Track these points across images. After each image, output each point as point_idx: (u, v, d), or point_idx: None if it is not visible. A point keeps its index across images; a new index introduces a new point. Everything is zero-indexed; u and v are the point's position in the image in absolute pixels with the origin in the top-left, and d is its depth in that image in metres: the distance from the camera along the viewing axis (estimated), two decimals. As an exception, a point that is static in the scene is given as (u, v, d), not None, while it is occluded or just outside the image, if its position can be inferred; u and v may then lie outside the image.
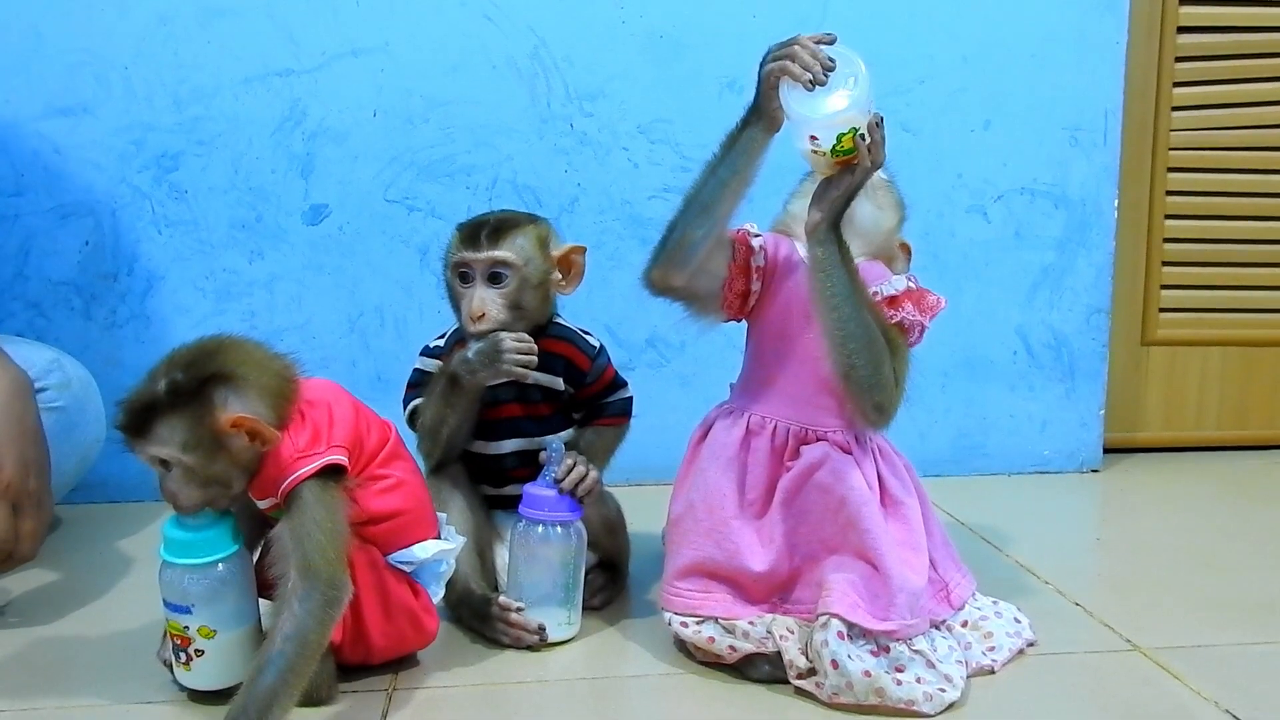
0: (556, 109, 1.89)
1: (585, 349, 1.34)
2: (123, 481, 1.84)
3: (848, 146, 1.07)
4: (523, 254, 1.27)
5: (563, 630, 1.25)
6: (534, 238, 1.29)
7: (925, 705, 1.07)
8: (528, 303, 1.28)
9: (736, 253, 1.19)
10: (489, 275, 1.27)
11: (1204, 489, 1.97)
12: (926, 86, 1.95)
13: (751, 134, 1.11)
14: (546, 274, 1.30)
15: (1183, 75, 2.07)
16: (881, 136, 1.08)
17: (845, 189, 1.09)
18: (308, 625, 1.00)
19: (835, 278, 1.10)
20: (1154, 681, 1.16)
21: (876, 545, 1.12)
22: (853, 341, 1.10)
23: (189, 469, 1.04)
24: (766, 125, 1.11)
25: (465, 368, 1.25)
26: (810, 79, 1.05)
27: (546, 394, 1.33)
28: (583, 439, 1.34)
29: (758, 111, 1.10)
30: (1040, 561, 1.53)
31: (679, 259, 1.15)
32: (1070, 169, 2.00)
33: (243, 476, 1.07)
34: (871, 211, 1.22)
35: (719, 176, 1.12)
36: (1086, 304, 2.04)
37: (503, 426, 1.33)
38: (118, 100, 1.82)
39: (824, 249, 1.11)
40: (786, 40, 1.07)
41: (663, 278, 1.17)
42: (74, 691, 1.14)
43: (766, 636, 1.14)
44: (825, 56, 1.05)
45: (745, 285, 1.20)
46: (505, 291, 1.26)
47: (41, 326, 1.85)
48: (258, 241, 1.87)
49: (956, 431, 2.04)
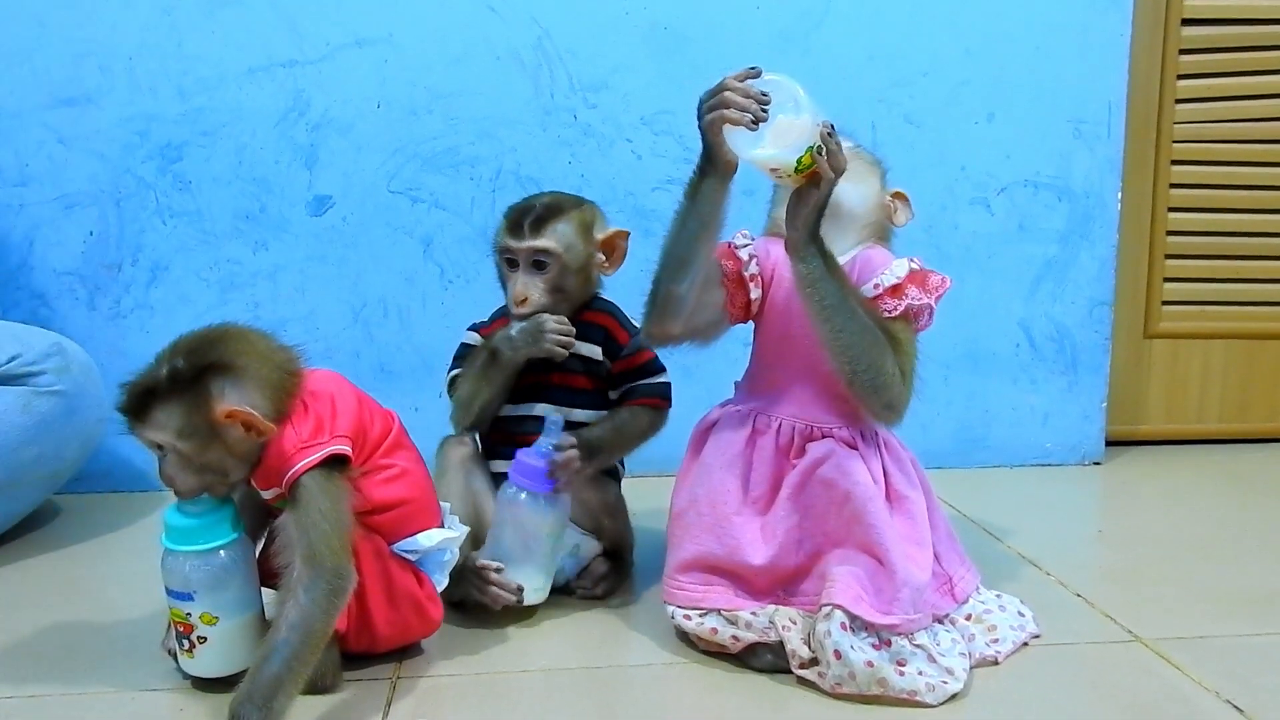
0: (560, 100, 1.89)
1: (626, 324, 1.36)
2: (126, 471, 1.85)
3: (809, 163, 1.07)
4: (564, 241, 1.31)
5: (536, 595, 1.27)
6: (577, 224, 1.33)
7: (928, 696, 1.07)
8: (569, 286, 1.33)
9: (727, 270, 1.21)
10: (531, 262, 1.31)
11: (1206, 482, 1.97)
12: (930, 79, 1.95)
13: (710, 184, 1.11)
14: (589, 258, 1.34)
15: (1186, 67, 2.07)
16: (836, 144, 1.07)
17: (814, 203, 1.09)
18: (313, 614, 1.00)
19: (823, 289, 1.10)
20: (1155, 672, 1.16)
21: (881, 540, 1.12)
22: (851, 348, 1.11)
23: (183, 455, 1.05)
24: (722, 172, 1.11)
25: (508, 344, 1.31)
26: (751, 119, 1.04)
27: (586, 364, 1.35)
28: (616, 417, 1.35)
29: (711, 162, 1.10)
30: (1042, 553, 1.53)
31: (670, 312, 1.17)
32: (1073, 162, 2.00)
33: (240, 466, 1.08)
34: (852, 188, 1.20)
35: (689, 230, 1.13)
36: (1089, 297, 2.04)
37: (534, 389, 1.35)
38: (122, 91, 1.82)
39: (806, 264, 1.11)
40: (714, 87, 1.07)
41: (661, 331, 1.19)
42: (79, 679, 1.14)
43: (769, 627, 1.14)
44: (758, 92, 1.04)
45: (745, 296, 1.22)
46: (547, 277, 1.31)
47: (46, 316, 1.85)
48: (261, 232, 1.87)
49: (959, 424, 2.04)
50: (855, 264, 1.20)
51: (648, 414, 1.36)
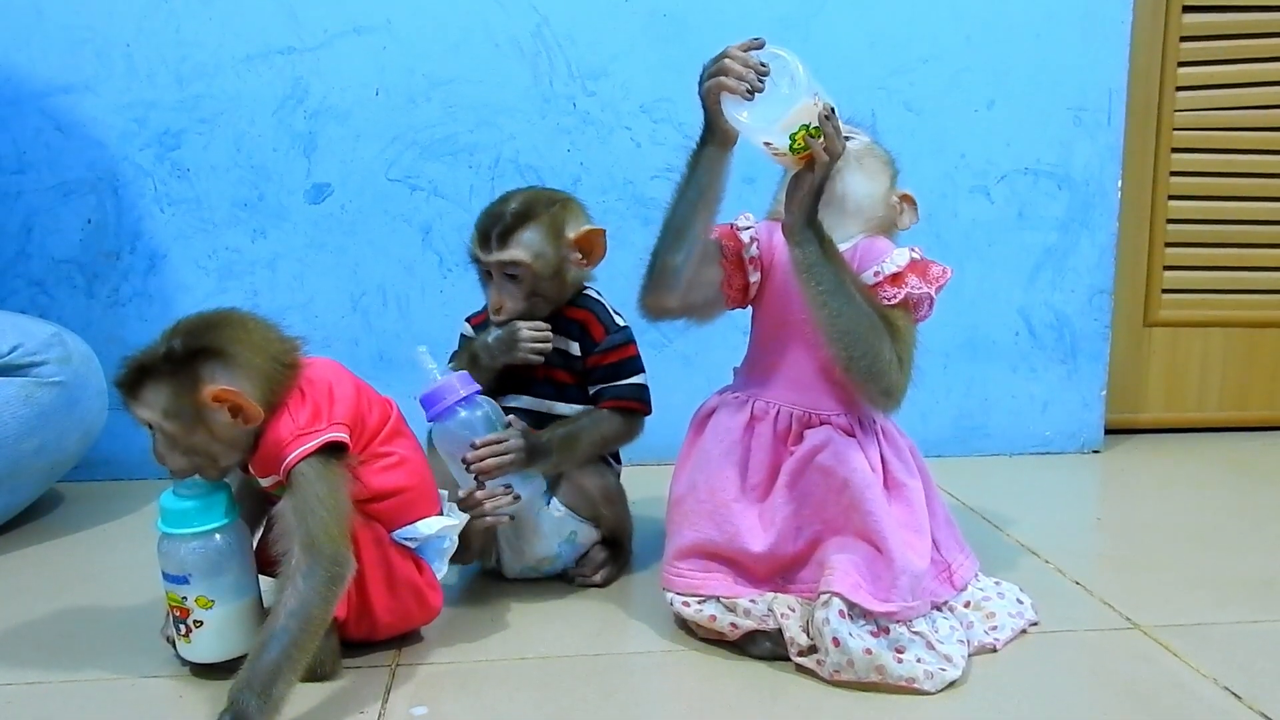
0: (559, 88, 1.89)
1: (604, 320, 1.36)
2: (125, 460, 1.85)
3: (803, 144, 1.06)
4: (532, 250, 1.31)
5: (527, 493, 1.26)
6: (547, 229, 1.32)
7: (926, 683, 1.07)
8: (545, 290, 1.33)
9: (726, 250, 1.20)
10: (504, 274, 1.32)
11: (1205, 470, 1.97)
12: (929, 66, 1.94)
13: (709, 153, 1.12)
14: (562, 261, 1.33)
15: (1187, 55, 2.06)
16: (835, 127, 1.07)
17: (811, 186, 1.09)
18: (312, 601, 1.00)
19: (820, 274, 1.10)
20: (1154, 659, 1.16)
21: (879, 527, 1.12)
22: (848, 333, 1.11)
23: (169, 436, 1.05)
24: (720, 141, 1.11)
25: (486, 352, 1.32)
26: (747, 88, 1.04)
27: (566, 360, 1.35)
28: (578, 422, 1.33)
29: (710, 130, 1.11)
30: (1041, 541, 1.53)
31: (666, 284, 1.17)
32: (1074, 149, 1.99)
33: (229, 452, 1.08)
34: (862, 182, 1.21)
35: (687, 199, 1.13)
36: (1089, 285, 2.04)
37: (517, 383, 1.35)
38: (119, 78, 1.82)
39: (803, 249, 1.10)
40: (717, 55, 1.07)
41: (656, 304, 1.19)
42: (78, 666, 1.15)
43: (768, 614, 1.14)
44: (757, 62, 1.05)
45: (744, 279, 1.22)
46: (520, 286, 1.32)
47: (44, 304, 1.85)
48: (260, 220, 1.87)
49: (958, 412, 2.04)
50: (856, 251, 1.19)
51: (616, 418, 1.34)
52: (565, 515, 1.35)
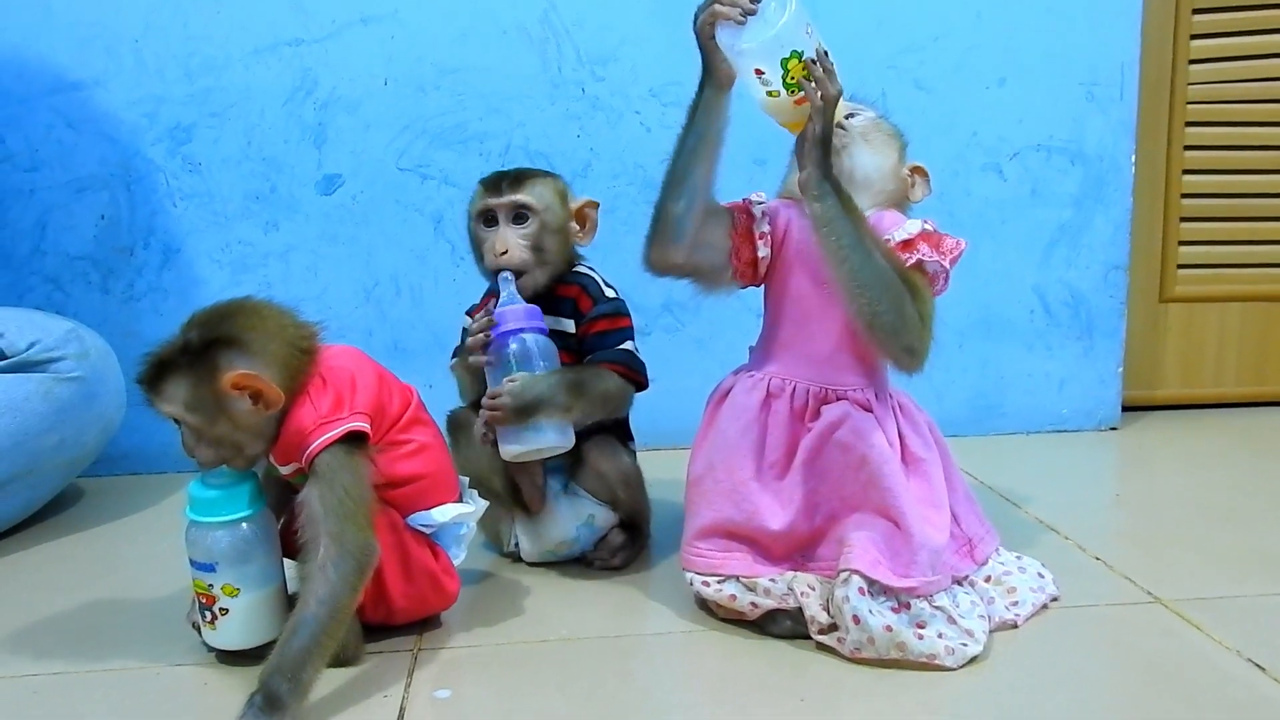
0: (568, 74, 1.88)
1: (593, 292, 1.36)
2: (145, 453, 1.86)
3: (796, 78, 1.06)
4: (543, 200, 1.34)
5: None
6: (552, 188, 1.36)
7: (947, 659, 1.07)
8: (549, 246, 1.34)
9: (738, 221, 1.20)
10: (513, 216, 1.33)
11: (1222, 445, 1.96)
12: (940, 44, 1.93)
13: (707, 95, 1.11)
14: (565, 222, 1.36)
15: (1200, 27, 2.04)
16: (829, 67, 1.06)
17: (815, 137, 1.08)
18: (341, 590, 1.01)
19: (839, 228, 1.09)
20: (1176, 632, 1.16)
21: (898, 503, 1.12)
22: (870, 289, 1.10)
23: (194, 428, 1.06)
24: (719, 82, 1.11)
25: (463, 352, 1.35)
26: (740, 11, 1.04)
27: (563, 340, 1.34)
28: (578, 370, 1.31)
29: (707, 71, 1.11)
30: (1060, 518, 1.53)
31: (668, 235, 1.16)
32: (1086, 125, 1.98)
33: (254, 440, 1.08)
34: (869, 156, 1.21)
35: (687, 145, 1.13)
36: (1104, 261, 2.03)
37: None
38: (129, 73, 1.82)
39: (821, 203, 1.10)
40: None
41: (660, 257, 1.18)
42: (104, 655, 1.15)
43: (788, 593, 1.14)
44: None
45: (752, 253, 1.21)
46: (528, 232, 1.33)
47: (60, 301, 1.86)
48: (272, 212, 1.88)
49: (974, 391, 2.04)
50: None
51: (614, 376, 1.33)
52: (583, 498, 1.35)
